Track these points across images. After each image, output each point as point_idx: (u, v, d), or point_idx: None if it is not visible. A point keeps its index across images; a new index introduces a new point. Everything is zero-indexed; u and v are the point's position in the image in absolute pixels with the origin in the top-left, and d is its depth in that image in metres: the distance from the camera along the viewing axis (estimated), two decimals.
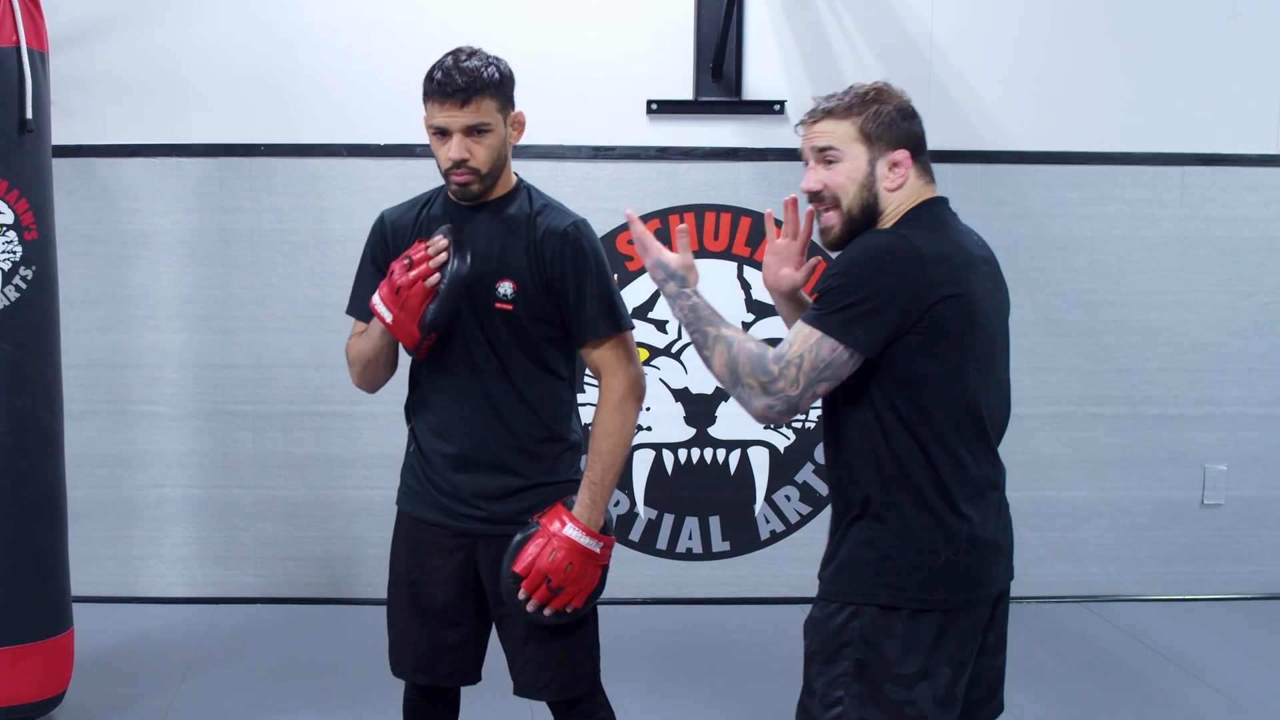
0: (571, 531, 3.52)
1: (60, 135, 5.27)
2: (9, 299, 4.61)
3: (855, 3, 6.39)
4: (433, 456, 3.69)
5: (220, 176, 6.28)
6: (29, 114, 4.59)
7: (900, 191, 3.06)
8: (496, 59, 3.52)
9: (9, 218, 4.60)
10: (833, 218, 3.09)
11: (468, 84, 3.42)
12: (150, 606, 6.37)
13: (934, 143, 3.14)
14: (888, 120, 3.05)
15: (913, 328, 2.91)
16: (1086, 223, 6.58)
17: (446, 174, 3.53)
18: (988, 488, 3.08)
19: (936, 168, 3.14)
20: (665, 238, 6.38)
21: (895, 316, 2.90)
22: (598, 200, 6.31)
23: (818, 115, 3.10)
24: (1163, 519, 6.77)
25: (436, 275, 3.44)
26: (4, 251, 4.60)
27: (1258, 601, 6.76)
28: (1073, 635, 6.27)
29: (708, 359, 3.09)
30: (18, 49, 4.56)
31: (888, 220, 3.06)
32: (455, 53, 3.50)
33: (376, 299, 3.53)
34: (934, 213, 3.08)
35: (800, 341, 2.93)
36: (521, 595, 3.53)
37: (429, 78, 3.48)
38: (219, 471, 6.42)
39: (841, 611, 3.05)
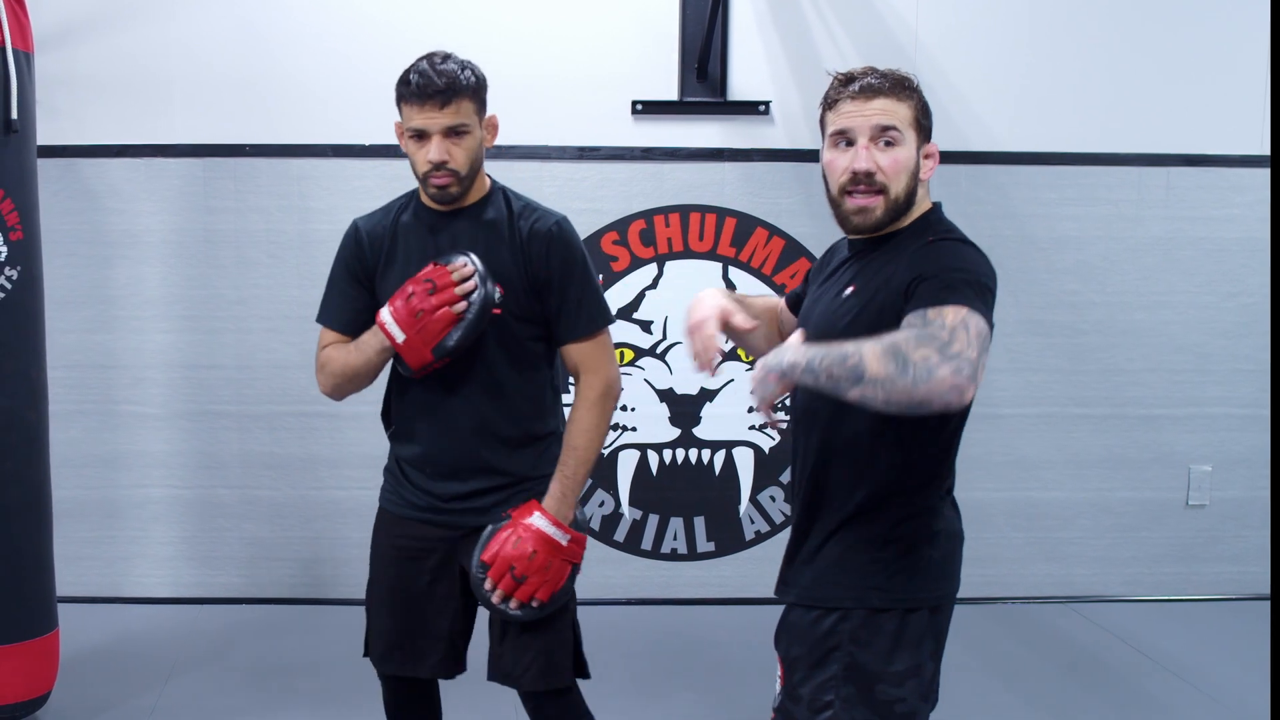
0: (538, 521, 3.55)
1: (45, 135, 5.26)
2: None
3: (840, 3, 6.39)
4: (415, 459, 3.71)
5: (205, 177, 6.27)
6: (14, 114, 4.59)
7: (923, 187, 3.04)
8: (470, 63, 3.56)
9: None
10: (877, 201, 2.97)
11: (448, 85, 3.45)
12: (135, 607, 6.36)
13: None
14: (928, 111, 3.03)
15: None
16: (1071, 223, 6.59)
17: (424, 177, 3.56)
18: (953, 485, 3.10)
19: None
20: (652, 236, 6.39)
21: None
22: (583, 201, 6.31)
23: (873, 91, 2.97)
24: (1147, 520, 6.78)
25: (464, 304, 3.47)
26: None
27: (1242, 602, 6.77)
28: (1057, 636, 6.28)
29: (859, 372, 2.61)
30: (2, 49, 4.55)
31: (914, 213, 3.03)
32: (429, 56, 3.53)
33: (388, 317, 3.54)
34: (945, 218, 3.07)
35: (952, 315, 2.67)
36: (488, 585, 3.55)
37: (404, 81, 3.51)
38: (204, 472, 6.42)
39: (828, 616, 3.02)
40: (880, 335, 2.66)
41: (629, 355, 6.43)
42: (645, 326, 6.45)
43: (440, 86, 3.44)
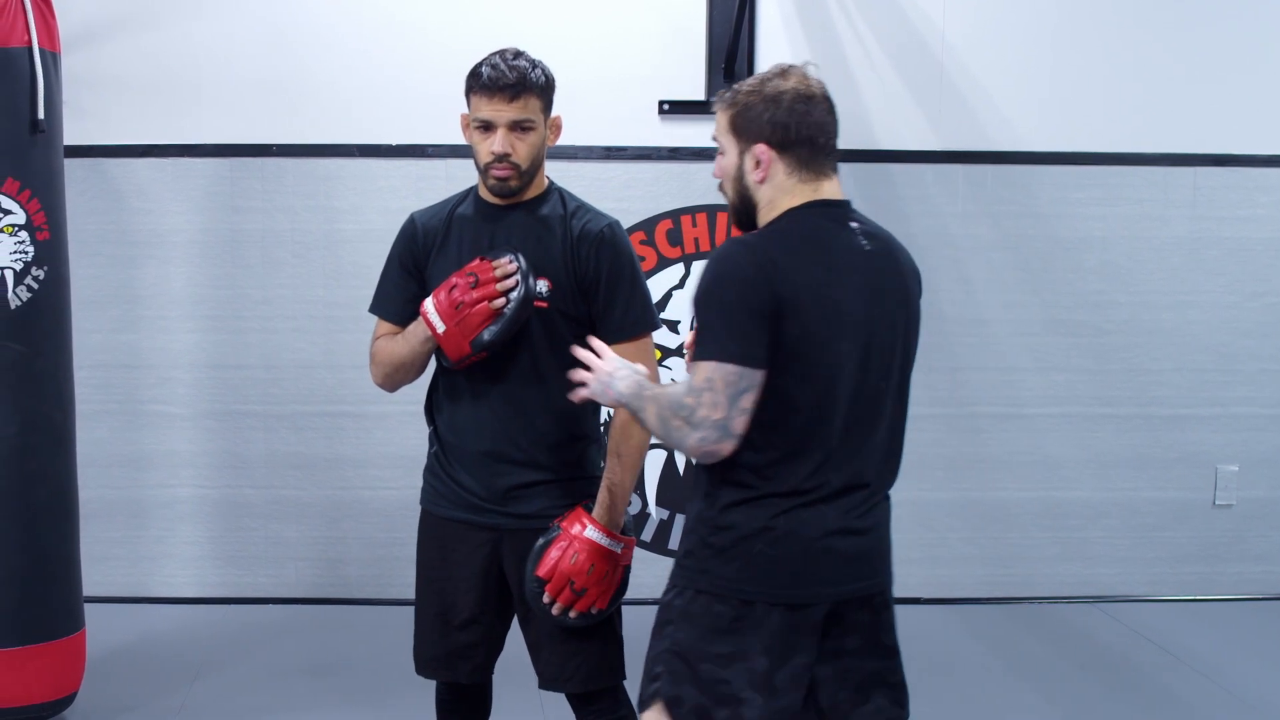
0: (592, 534, 3.58)
1: (72, 135, 5.27)
2: (21, 299, 4.62)
3: (867, 2, 6.37)
4: (458, 454, 3.73)
5: (231, 177, 6.29)
6: (41, 114, 4.61)
7: (767, 187, 3.07)
8: (541, 62, 3.64)
9: (21, 218, 4.62)
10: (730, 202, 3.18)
11: (518, 80, 3.53)
12: (162, 607, 6.38)
13: (945, 143, 3.13)
14: (755, 112, 3.04)
15: (771, 333, 2.89)
16: (1097, 223, 6.57)
17: (486, 168, 3.61)
18: (826, 489, 2.99)
19: (949, 168, 3.13)
20: (679, 236, 6.38)
21: (762, 323, 2.88)
22: (610, 201, 6.27)
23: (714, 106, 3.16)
24: (1172, 519, 6.76)
25: (503, 299, 3.50)
26: (16, 252, 4.61)
27: (1268, 602, 6.75)
28: (1082, 635, 6.27)
29: (644, 420, 3.08)
30: (30, 49, 4.57)
31: (763, 215, 3.09)
32: (501, 52, 3.61)
33: (430, 307, 3.58)
34: (798, 217, 3.04)
35: (702, 371, 2.90)
36: (546, 599, 3.58)
37: (476, 73, 3.59)
38: (230, 472, 6.43)
39: (670, 592, 3.15)
40: (667, 387, 3.07)
41: (656, 355, 6.41)
42: (673, 327, 6.45)
43: (510, 81, 3.52)
